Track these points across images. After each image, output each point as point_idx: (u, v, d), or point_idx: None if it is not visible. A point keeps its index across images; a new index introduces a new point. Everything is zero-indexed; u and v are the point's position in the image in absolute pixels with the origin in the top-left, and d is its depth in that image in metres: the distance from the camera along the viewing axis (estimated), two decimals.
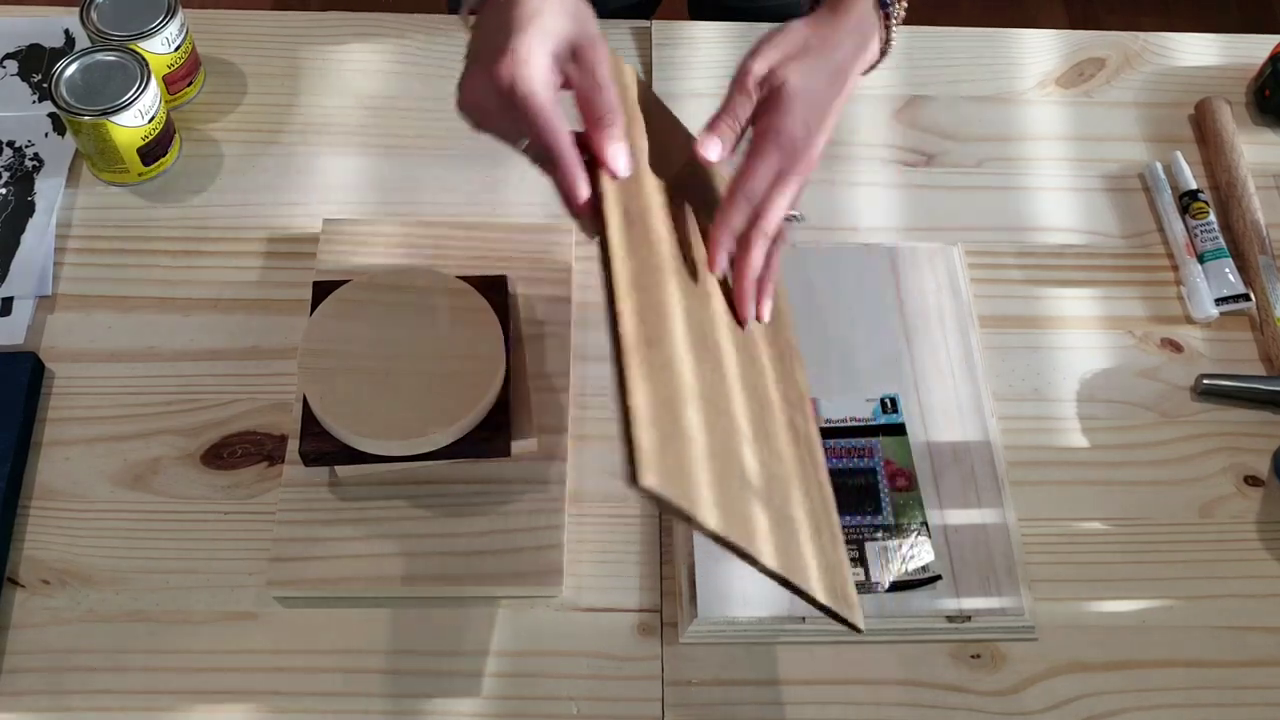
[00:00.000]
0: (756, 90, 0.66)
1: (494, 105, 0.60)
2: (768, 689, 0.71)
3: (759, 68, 0.66)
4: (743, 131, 0.66)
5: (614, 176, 0.60)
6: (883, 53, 0.72)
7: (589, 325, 0.83)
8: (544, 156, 0.60)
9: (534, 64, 0.58)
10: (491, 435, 0.72)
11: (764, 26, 1.00)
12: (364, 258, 0.83)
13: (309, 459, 0.72)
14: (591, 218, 0.59)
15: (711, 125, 0.66)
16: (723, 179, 0.72)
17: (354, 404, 0.71)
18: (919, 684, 0.71)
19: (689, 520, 0.50)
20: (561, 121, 0.59)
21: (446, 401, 0.71)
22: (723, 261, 0.66)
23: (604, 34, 0.62)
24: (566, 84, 0.61)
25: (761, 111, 0.66)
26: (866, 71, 0.72)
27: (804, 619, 0.70)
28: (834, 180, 0.91)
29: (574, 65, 0.61)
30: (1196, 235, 0.89)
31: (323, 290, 0.76)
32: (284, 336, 0.82)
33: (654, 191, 0.65)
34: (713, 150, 0.65)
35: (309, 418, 0.72)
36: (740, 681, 0.71)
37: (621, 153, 0.60)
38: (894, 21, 0.71)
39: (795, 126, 0.65)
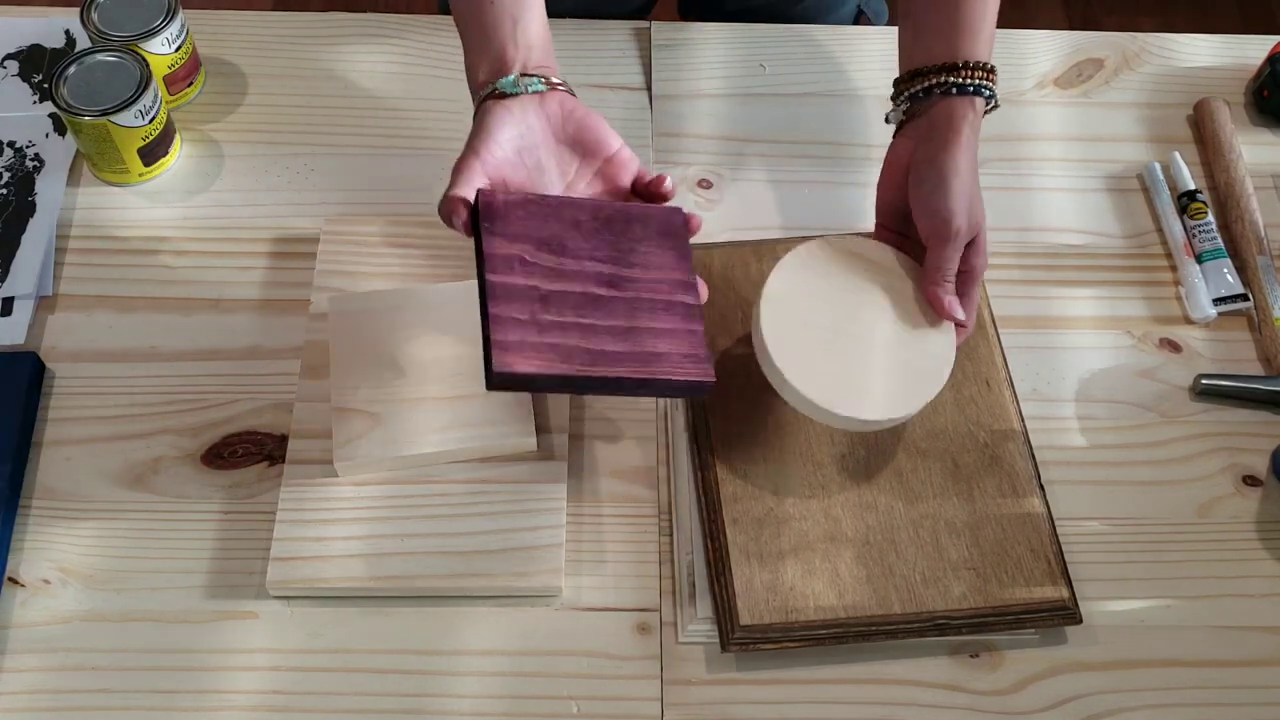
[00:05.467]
0: (964, 246, 0.72)
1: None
2: (767, 689, 0.71)
3: (968, 230, 0.72)
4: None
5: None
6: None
7: None
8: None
9: (458, 189, 0.68)
10: (702, 370, 0.67)
11: (763, 27, 1.01)
12: (364, 258, 0.84)
13: (500, 382, 0.64)
14: None
15: (936, 292, 0.72)
16: None
17: (805, 354, 0.70)
18: (918, 684, 0.71)
19: None
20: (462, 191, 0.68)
21: (892, 385, 0.71)
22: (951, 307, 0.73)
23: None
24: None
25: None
26: None
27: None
28: (834, 180, 0.92)
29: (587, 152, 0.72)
30: (1195, 236, 0.89)
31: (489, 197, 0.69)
32: (284, 336, 0.82)
33: None
34: (955, 309, 0.73)
35: (503, 324, 0.63)
36: (740, 681, 0.71)
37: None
38: (990, 100, 0.74)
39: (985, 260, 0.74)
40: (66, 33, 0.97)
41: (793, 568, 0.72)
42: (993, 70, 0.72)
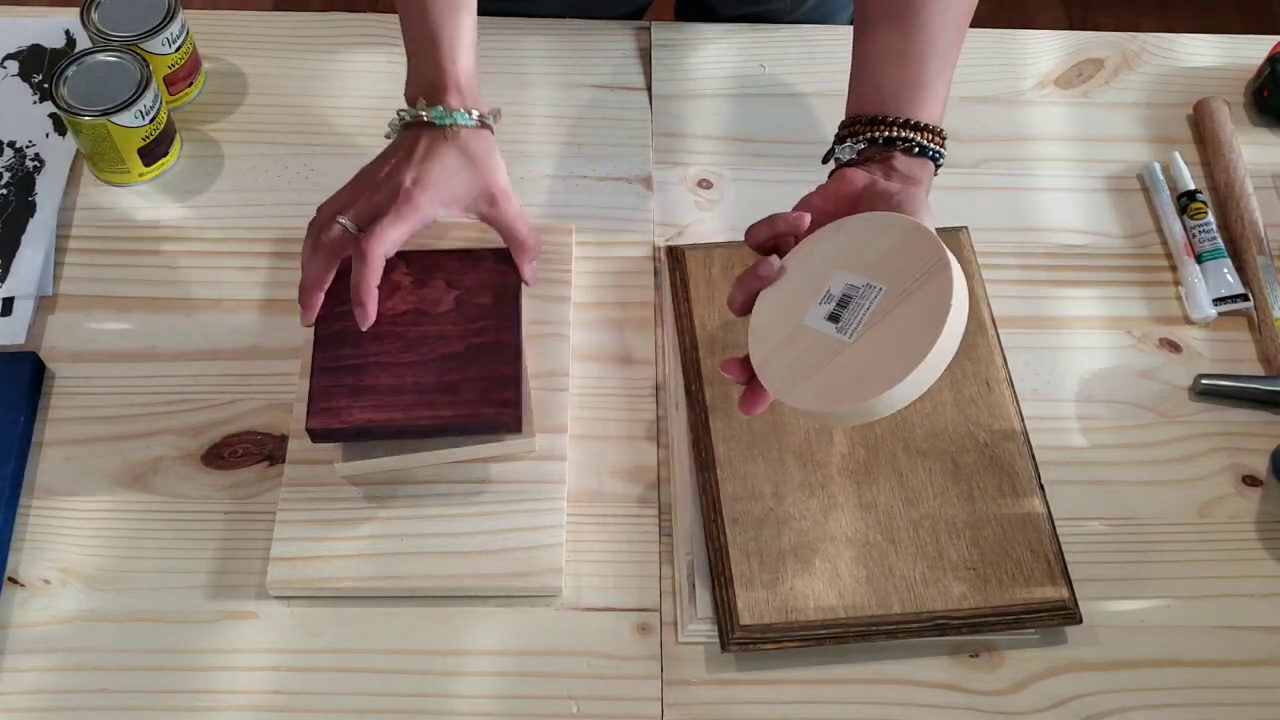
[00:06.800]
0: None
1: (339, 238, 0.73)
2: (767, 689, 0.71)
3: None
4: None
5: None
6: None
7: (589, 325, 0.83)
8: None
9: (398, 231, 0.71)
10: (499, 410, 0.71)
11: (763, 27, 1.01)
12: None
13: (317, 436, 0.71)
14: None
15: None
16: None
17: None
18: (918, 684, 0.71)
19: None
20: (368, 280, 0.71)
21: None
22: None
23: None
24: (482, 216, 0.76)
25: None
26: None
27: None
28: None
29: (488, 207, 0.75)
30: (1195, 236, 0.89)
31: None
32: (284, 336, 0.82)
33: None
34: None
35: (317, 394, 0.71)
36: (740, 681, 0.71)
37: (533, 274, 0.78)
38: (940, 165, 0.73)
39: None
40: (66, 33, 0.97)
41: (793, 568, 0.72)
42: (946, 138, 0.72)
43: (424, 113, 0.74)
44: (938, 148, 0.71)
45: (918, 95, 0.71)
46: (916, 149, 0.70)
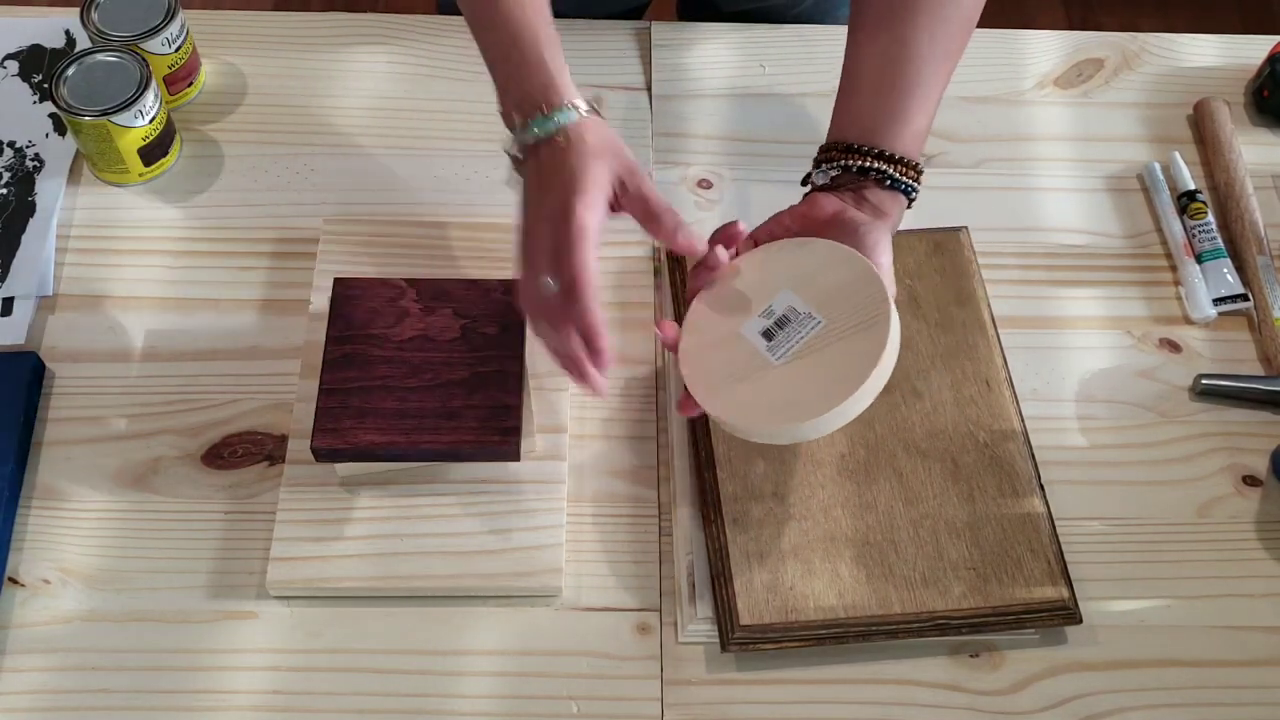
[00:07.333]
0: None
1: (554, 297, 0.66)
2: (767, 689, 0.71)
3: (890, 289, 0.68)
4: None
5: (701, 255, 0.69)
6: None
7: None
8: (563, 351, 0.67)
9: (593, 250, 0.64)
10: (501, 439, 0.72)
11: (763, 27, 1.01)
12: (364, 258, 0.84)
13: (320, 455, 0.72)
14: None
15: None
16: None
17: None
18: (918, 684, 0.71)
19: None
20: (601, 312, 0.65)
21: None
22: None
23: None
24: (615, 206, 0.68)
25: None
26: None
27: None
28: None
29: (623, 192, 0.67)
30: (1195, 236, 0.89)
31: (343, 286, 0.76)
32: (284, 336, 0.82)
33: None
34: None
35: (321, 414, 0.71)
36: (740, 681, 0.71)
37: (694, 237, 0.68)
38: (913, 199, 0.73)
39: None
40: (66, 33, 0.97)
41: (793, 568, 0.72)
42: (921, 172, 0.72)
43: (531, 133, 0.68)
44: (911, 182, 0.71)
45: (895, 127, 0.71)
46: (889, 182, 0.70)
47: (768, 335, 0.67)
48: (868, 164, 0.71)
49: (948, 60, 0.73)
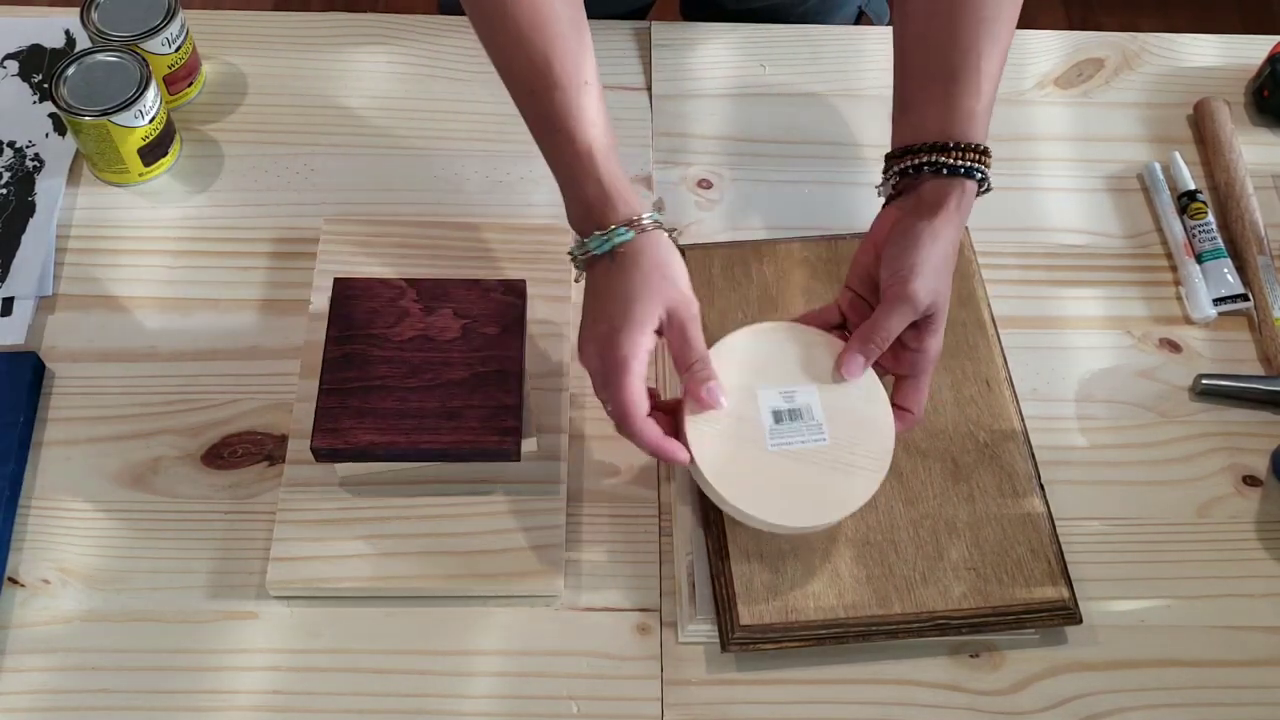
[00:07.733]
0: (917, 314, 0.68)
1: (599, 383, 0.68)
2: (767, 689, 0.71)
3: (924, 296, 0.68)
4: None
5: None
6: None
7: None
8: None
9: (635, 380, 0.65)
10: (500, 439, 0.72)
11: (764, 27, 1.01)
12: (364, 258, 0.84)
13: (320, 455, 0.72)
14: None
15: (860, 342, 0.69)
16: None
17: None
18: (918, 684, 0.71)
19: None
20: (652, 429, 0.66)
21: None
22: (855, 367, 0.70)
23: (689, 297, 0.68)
24: (660, 332, 0.68)
25: (911, 327, 0.69)
26: None
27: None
28: (834, 180, 0.91)
29: (669, 324, 0.67)
30: (1195, 235, 0.89)
31: (344, 286, 0.76)
32: (284, 336, 0.82)
33: None
34: (855, 369, 0.69)
35: (321, 414, 0.71)
36: (740, 681, 0.71)
37: (717, 394, 0.67)
38: (981, 180, 0.71)
39: (939, 344, 0.70)
40: (66, 33, 0.97)
41: (793, 568, 0.72)
42: (986, 151, 0.70)
43: (587, 249, 0.67)
44: (969, 164, 0.69)
45: (947, 115, 0.70)
46: (945, 170, 0.69)
47: (777, 418, 0.68)
48: (920, 160, 0.70)
49: (993, 40, 0.71)
